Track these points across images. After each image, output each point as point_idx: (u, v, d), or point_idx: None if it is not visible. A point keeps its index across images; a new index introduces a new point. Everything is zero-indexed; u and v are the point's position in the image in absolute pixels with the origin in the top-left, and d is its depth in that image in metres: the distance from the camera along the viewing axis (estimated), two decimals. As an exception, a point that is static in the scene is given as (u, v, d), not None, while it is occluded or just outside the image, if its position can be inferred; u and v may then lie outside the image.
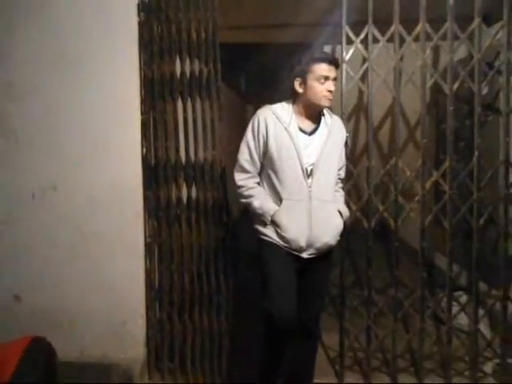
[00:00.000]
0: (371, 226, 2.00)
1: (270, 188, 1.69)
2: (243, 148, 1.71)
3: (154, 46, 2.04)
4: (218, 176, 2.02)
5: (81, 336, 2.06)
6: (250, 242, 1.78)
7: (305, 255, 1.66)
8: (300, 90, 1.63)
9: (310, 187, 1.62)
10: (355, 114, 3.64)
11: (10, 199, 2.08)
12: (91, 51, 2.03)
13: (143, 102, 2.06)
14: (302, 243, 1.63)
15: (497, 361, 2.04)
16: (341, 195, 1.81)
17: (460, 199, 2.00)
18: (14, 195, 2.08)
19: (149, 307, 2.07)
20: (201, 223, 2.04)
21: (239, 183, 1.72)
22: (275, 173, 1.64)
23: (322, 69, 1.59)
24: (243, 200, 1.72)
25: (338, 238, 1.71)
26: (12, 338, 1.70)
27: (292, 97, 1.70)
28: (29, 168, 2.07)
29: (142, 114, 2.05)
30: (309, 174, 1.63)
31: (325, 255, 1.70)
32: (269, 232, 1.67)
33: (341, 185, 1.82)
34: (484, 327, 2.09)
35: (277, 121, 1.64)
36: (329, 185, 1.69)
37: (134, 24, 2.03)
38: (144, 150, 2.05)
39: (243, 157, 1.71)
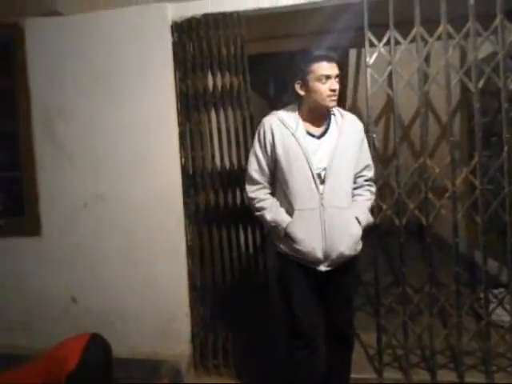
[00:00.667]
0: (402, 223, 2.04)
1: (282, 198, 1.61)
2: (251, 158, 1.66)
3: (188, 63, 2.19)
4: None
5: (131, 334, 2.22)
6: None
7: (322, 268, 1.57)
8: (302, 92, 1.57)
9: (322, 194, 1.53)
10: (385, 115, 3.67)
11: (64, 208, 2.30)
12: (131, 72, 2.22)
13: (180, 114, 2.21)
14: (319, 254, 1.55)
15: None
16: (365, 199, 1.66)
17: (493, 194, 2.00)
18: (67, 204, 2.29)
19: (193, 306, 2.21)
20: (239, 227, 2.16)
21: (250, 195, 1.66)
22: (286, 181, 1.57)
23: (323, 67, 1.51)
24: (256, 213, 1.66)
25: (358, 247, 1.62)
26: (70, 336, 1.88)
27: (297, 101, 1.64)
28: (79, 179, 2.28)
29: (179, 125, 2.21)
30: (322, 180, 1.54)
31: (346, 266, 1.61)
32: (284, 246, 1.62)
33: (368, 187, 1.69)
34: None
35: (283, 127, 1.59)
36: (344, 190, 1.59)
37: (168, 44, 2.20)
38: (182, 160, 2.20)
39: (252, 167, 1.65)
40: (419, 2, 1.95)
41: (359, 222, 1.60)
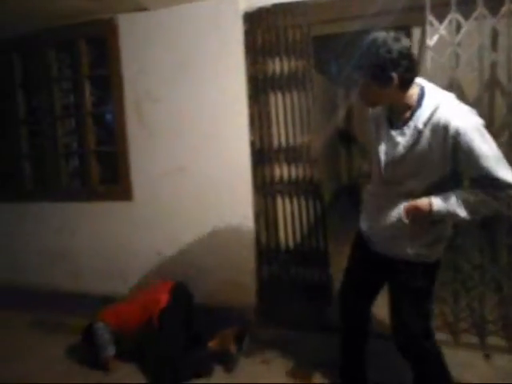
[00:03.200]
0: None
1: None
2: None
3: (257, 49, 2.44)
4: (313, 156, 2.36)
5: (205, 286, 2.56)
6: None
7: (371, 247, 1.59)
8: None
9: (384, 184, 1.51)
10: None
11: (151, 177, 2.69)
12: (208, 59, 2.51)
13: (250, 96, 2.48)
14: (365, 228, 1.61)
15: None
16: (472, 193, 1.35)
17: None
18: (154, 174, 2.68)
19: (259, 264, 2.51)
20: (300, 197, 2.41)
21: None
22: (373, 163, 1.59)
23: None
24: None
25: (402, 247, 1.47)
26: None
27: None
28: (163, 153, 2.66)
29: (249, 107, 2.48)
30: (385, 171, 1.48)
31: (402, 266, 1.49)
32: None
33: (490, 189, 1.32)
34: None
35: (379, 114, 1.54)
36: (406, 192, 1.44)
37: (240, 32, 2.45)
38: (252, 137, 2.48)
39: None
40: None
41: (431, 204, 1.38)
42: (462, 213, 1.35)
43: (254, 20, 2.43)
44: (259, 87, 2.45)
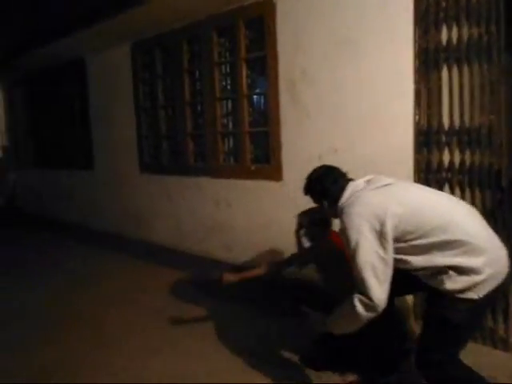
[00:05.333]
0: None
1: None
2: None
3: (430, 17, 2.13)
4: (496, 140, 2.00)
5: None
6: None
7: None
8: None
9: None
10: None
11: (302, 158, 2.66)
12: (370, 30, 2.32)
13: (416, 72, 2.20)
14: None
15: None
16: None
17: None
18: (305, 155, 2.64)
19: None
20: (474, 188, 2.07)
21: None
22: None
23: None
24: None
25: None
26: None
27: None
28: (317, 134, 2.59)
29: (414, 83, 2.21)
30: None
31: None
32: None
33: None
34: None
35: None
36: None
37: (409, 0, 2.18)
38: (417, 117, 2.21)
39: None
40: None
41: None
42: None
43: (427, -16, 2.13)
44: (430, 60, 2.15)
